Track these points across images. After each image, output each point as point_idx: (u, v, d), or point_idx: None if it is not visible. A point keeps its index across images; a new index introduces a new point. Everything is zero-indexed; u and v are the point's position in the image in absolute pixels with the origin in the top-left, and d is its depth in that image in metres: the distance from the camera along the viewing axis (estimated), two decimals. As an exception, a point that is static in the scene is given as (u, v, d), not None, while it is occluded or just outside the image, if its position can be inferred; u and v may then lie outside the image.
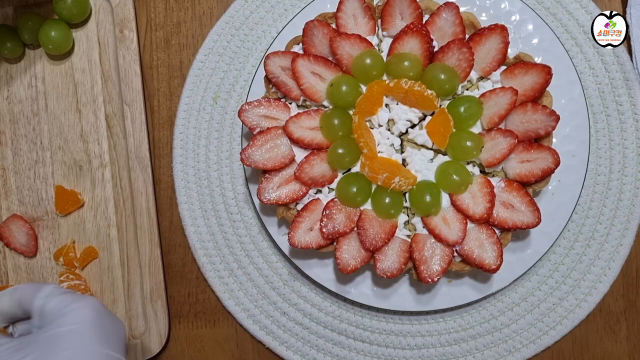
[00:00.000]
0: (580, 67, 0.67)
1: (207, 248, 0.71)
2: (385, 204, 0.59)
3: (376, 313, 0.68)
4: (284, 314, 0.70)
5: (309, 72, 0.60)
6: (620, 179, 0.66)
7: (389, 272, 0.58)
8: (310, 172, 0.60)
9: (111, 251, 0.72)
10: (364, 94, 0.61)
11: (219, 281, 0.71)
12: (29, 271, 0.73)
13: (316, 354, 0.69)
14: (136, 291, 0.71)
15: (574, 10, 0.68)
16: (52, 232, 0.73)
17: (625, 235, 0.66)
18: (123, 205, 0.72)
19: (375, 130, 0.61)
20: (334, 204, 0.60)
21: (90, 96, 0.74)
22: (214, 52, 0.72)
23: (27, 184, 0.74)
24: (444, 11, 0.60)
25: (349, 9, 0.62)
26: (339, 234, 0.59)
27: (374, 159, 0.59)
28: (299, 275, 0.69)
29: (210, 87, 0.72)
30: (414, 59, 0.60)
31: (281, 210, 0.62)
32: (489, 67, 0.60)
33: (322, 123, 0.60)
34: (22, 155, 0.74)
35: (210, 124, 0.72)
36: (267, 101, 0.62)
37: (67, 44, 0.72)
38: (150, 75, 0.74)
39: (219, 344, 0.72)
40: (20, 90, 0.75)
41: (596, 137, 0.67)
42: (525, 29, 0.65)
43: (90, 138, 0.73)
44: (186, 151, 0.72)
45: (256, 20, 0.72)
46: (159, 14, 0.74)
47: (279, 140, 0.61)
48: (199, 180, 0.72)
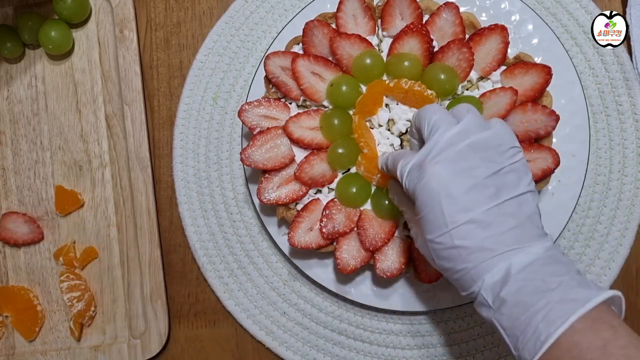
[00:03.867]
0: (580, 67, 0.67)
1: (207, 248, 0.71)
2: (385, 205, 0.59)
3: (376, 313, 0.68)
4: (284, 314, 0.70)
5: (309, 72, 0.60)
6: (620, 179, 0.66)
7: (389, 272, 0.58)
8: (310, 172, 0.60)
9: (111, 251, 0.72)
10: (364, 94, 0.61)
11: (219, 281, 0.71)
12: (29, 271, 0.73)
13: (316, 354, 0.69)
14: (136, 291, 0.71)
15: (574, 10, 0.68)
16: (52, 232, 0.73)
17: (625, 235, 0.66)
18: (123, 205, 0.72)
19: (375, 130, 0.61)
20: (333, 204, 0.60)
21: (90, 96, 0.74)
22: (214, 52, 0.72)
23: (27, 184, 0.74)
24: (444, 11, 0.60)
25: (349, 9, 0.62)
26: (339, 234, 0.59)
27: (371, 158, 0.59)
28: (299, 275, 0.69)
29: (210, 87, 0.72)
30: (414, 59, 0.60)
31: (281, 210, 0.62)
32: (489, 67, 0.60)
33: (322, 123, 0.60)
34: (22, 155, 0.74)
35: (210, 124, 0.72)
36: (267, 101, 0.62)
37: (67, 44, 0.72)
38: (150, 75, 0.74)
39: (219, 344, 0.72)
40: (20, 90, 0.75)
41: (596, 137, 0.67)
42: (525, 29, 0.65)
43: (90, 138, 0.73)
44: (186, 151, 0.72)
45: (256, 20, 0.72)
46: (159, 14, 0.74)
47: (279, 140, 0.61)
48: (199, 180, 0.72)
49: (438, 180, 0.44)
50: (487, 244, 0.43)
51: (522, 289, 0.41)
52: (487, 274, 0.43)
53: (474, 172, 0.44)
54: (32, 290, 0.73)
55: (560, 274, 0.41)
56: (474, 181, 0.43)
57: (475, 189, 0.43)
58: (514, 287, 0.41)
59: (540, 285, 0.41)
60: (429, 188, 0.44)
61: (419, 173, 0.45)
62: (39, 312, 0.72)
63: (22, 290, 0.73)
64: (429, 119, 0.47)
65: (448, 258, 0.44)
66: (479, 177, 0.44)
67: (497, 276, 0.42)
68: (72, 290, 0.71)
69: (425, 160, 0.45)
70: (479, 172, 0.44)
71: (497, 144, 0.45)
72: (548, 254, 0.43)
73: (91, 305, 0.71)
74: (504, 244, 0.43)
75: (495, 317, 0.42)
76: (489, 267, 0.43)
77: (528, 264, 0.42)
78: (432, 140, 0.45)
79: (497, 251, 0.42)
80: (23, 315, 0.72)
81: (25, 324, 0.72)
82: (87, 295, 0.71)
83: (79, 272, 0.72)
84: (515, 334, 0.40)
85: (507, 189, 0.44)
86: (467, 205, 0.43)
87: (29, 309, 0.72)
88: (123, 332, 0.71)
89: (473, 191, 0.43)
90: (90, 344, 0.71)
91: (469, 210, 0.43)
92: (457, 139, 0.45)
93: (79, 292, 0.71)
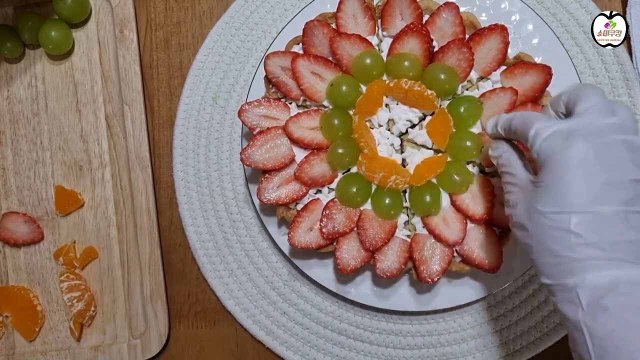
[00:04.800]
0: (580, 67, 0.67)
1: (207, 248, 0.71)
2: (385, 204, 0.59)
3: (376, 313, 0.68)
4: (284, 314, 0.70)
5: (309, 72, 0.60)
6: (620, 179, 0.66)
7: (389, 272, 0.58)
8: (310, 172, 0.60)
9: (111, 251, 0.72)
10: (364, 94, 0.61)
11: (219, 281, 0.71)
12: (29, 271, 0.73)
13: (316, 354, 0.69)
14: (136, 291, 0.71)
15: (574, 10, 0.68)
16: (52, 232, 0.73)
17: (626, 235, 0.66)
18: (123, 205, 0.72)
19: (375, 130, 0.61)
20: (333, 204, 0.60)
21: (90, 96, 0.74)
22: (214, 52, 0.72)
23: (27, 184, 0.74)
24: (444, 11, 0.60)
25: (349, 9, 0.62)
26: (339, 234, 0.59)
27: (372, 158, 0.59)
28: (299, 275, 0.69)
29: (210, 87, 0.72)
30: (414, 59, 0.60)
31: (281, 210, 0.62)
32: (489, 67, 0.60)
33: (322, 123, 0.60)
34: (22, 155, 0.74)
35: (210, 124, 0.72)
36: (267, 101, 0.62)
37: (67, 44, 0.72)
38: (150, 75, 0.74)
39: (219, 344, 0.72)
40: (20, 90, 0.75)
41: (596, 137, 0.67)
42: (525, 29, 0.65)
43: (90, 138, 0.73)
44: (186, 151, 0.72)
45: (256, 20, 0.72)
46: (159, 14, 0.74)
47: (279, 140, 0.61)
48: (199, 180, 0.72)
49: (583, 157, 0.41)
50: (602, 243, 0.40)
51: (630, 306, 0.38)
52: (590, 273, 0.40)
53: (620, 168, 0.41)
54: (32, 290, 0.73)
55: None
56: (616, 177, 0.41)
57: (614, 186, 0.41)
58: (621, 300, 0.38)
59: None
60: (570, 160, 0.41)
61: (564, 141, 0.42)
62: (39, 312, 0.72)
63: (22, 290, 0.73)
64: (590, 96, 0.43)
65: (554, 238, 0.41)
66: (623, 177, 0.41)
67: (602, 280, 0.39)
68: (72, 290, 0.71)
69: (575, 132, 0.42)
70: (624, 171, 0.41)
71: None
72: None
73: (91, 305, 0.71)
74: (620, 251, 0.40)
75: (586, 322, 0.39)
76: (595, 268, 0.40)
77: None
78: (588, 118, 0.43)
79: (611, 255, 0.40)
80: (23, 315, 0.72)
81: (25, 324, 0.72)
82: (87, 295, 0.71)
83: (79, 272, 0.72)
84: (606, 346, 0.38)
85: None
86: (599, 196, 0.40)
87: (29, 309, 0.72)
88: (123, 332, 0.71)
89: (611, 187, 0.40)
90: (90, 344, 0.71)
91: (600, 203, 0.40)
92: (611, 130, 0.42)
93: (79, 292, 0.71)
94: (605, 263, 0.40)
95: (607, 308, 0.38)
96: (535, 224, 0.43)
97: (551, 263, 0.42)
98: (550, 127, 0.43)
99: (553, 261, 0.42)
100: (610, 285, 0.39)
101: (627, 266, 0.39)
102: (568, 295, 0.41)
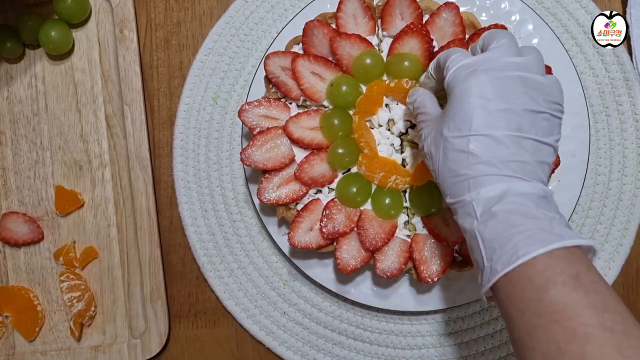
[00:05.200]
0: (580, 67, 0.67)
1: (207, 248, 0.71)
2: (385, 204, 0.59)
3: (376, 313, 0.68)
4: (284, 314, 0.70)
5: (309, 72, 0.60)
6: (620, 179, 0.66)
7: (389, 272, 0.58)
8: (310, 172, 0.60)
9: (111, 251, 0.72)
10: (364, 94, 0.61)
11: (219, 281, 0.71)
12: (29, 271, 0.73)
13: (316, 354, 0.69)
14: (136, 291, 0.71)
15: (574, 10, 0.68)
16: (52, 232, 0.73)
17: (625, 235, 0.66)
18: (123, 205, 0.72)
19: (375, 130, 0.61)
20: (334, 204, 0.60)
21: (90, 96, 0.74)
22: (214, 52, 0.72)
23: (27, 184, 0.74)
24: (444, 11, 0.60)
25: (349, 9, 0.62)
26: (339, 234, 0.59)
27: (372, 158, 0.59)
28: (299, 275, 0.69)
29: (210, 87, 0.72)
30: (414, 59, 0.60)
31: (281, 210, 0.62)
32: (489, 67, 0.60)
33: (322, 123, 0.60)
34: (22, 155, 0.74)
35: (210, 124, 0.72)
36: (267, 101, 0.62)
37: (67, 44, 0.72)
38: (150, 75, 0.74)
39: (219, 344, 0.72)
40: (20, 90, 0.75)
41: (596, 137, 0.67)
42: (525, 29, 0.65)
43: (90, 138, 0.73)
44: (186, 151, 0.72)
45: (256, 20, 0.72)
46: (159, 14, 0.74)
47: (279, 140, 0.61)
48: (199, 180, 0.72)
49: (482, 89, 0.45)
50: (495, 161, 0.44)
51: (514, 210, 0.42)
52: (484, 187, 0.44)
53: (515, 99, 0.45)
54: (32, 290, 0.73)
55: (552, 212, 0.43)
56: (511, 107, 0.45)
57: (509, 113, 0.44)
58: (507, 207, 0.43)
59: (532, 212, 0.42)
60: (469, 92, 0.45)
61: (467, 74, 0.46)
62: (39, 312, 0.72)
63: (22, 290, 0.73)
64: (500, 38, 0.47)
65: (454, 160, 0.45)
66: (517, 106, 0.45)
67: (493, 192, 0.44)
68: (72, 290, 0.71)
69: (478, 66, 0.46)
70: (519, 102, 0.45)
71: (547, 93, 0.46)
72: (547, 194, 0.45)
73: (91, 305, 0.71)
74: (510, 168, 0.44)
75: (478, 228, 0.44)
76: (488, 182, 0.44)
77: (526, 192, 0.43)
78: (492, 53, 0.47)
79: (502, 172, 0.44)
80: (23, 315, 0.72)
81: (25, 324, 0.72)
82: (87, 295, 0.71)
83: (79, 272, 0.72)
84: (494, 246, 0.42)
85: (535, 130, 0.45)
86: (494, 122, 0.44)
87: (29, 309, 0.72)
88: (123, 332, 0.71)
89: (506, 114, 0.44)
90: (90, 344, 0.71)
91: (494, 127, 0.44)
92: (513, 68, 0.46)
93: (79, 292, 0.71)
94: (498, 178, 0.44)
95: (495, 214, 0.43)
96: (441, 150, 0.47)
97: (453, 183, 0.46)
98: (461, 60, 0.47)
99: (454, 180, 0.46)
100: (500, 196, 0.43)
101: (515, 181, 0.44)
102: (466, 209, 0.45)
